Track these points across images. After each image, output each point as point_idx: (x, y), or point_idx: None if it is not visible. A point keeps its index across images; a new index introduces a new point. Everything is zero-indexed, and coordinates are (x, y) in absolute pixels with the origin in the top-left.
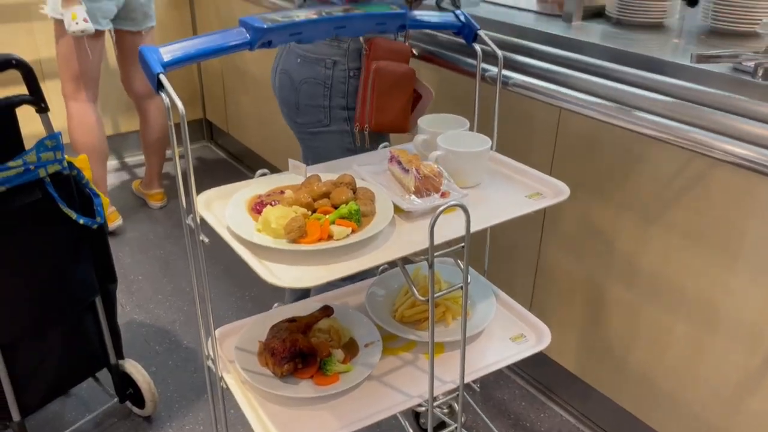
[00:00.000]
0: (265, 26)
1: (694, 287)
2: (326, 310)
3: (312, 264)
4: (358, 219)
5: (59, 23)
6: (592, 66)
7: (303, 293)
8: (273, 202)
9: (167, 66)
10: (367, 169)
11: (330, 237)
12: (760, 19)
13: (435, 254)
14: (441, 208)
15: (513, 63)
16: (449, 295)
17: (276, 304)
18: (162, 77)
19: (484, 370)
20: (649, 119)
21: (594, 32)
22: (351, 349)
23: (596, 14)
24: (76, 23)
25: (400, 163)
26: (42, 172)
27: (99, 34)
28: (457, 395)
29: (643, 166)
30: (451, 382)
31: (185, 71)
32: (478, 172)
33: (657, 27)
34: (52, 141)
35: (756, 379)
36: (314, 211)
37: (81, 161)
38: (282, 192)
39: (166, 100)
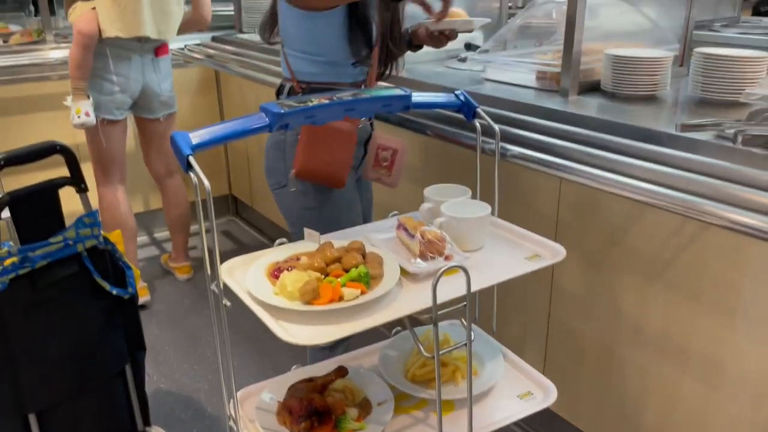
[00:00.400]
0: (283, 111)
1: (698, 345)
2: (341, 371)
3: (324, 323)
4: (367, 281)
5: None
6: (589, 137)
7: (322, 356)
8: (289, 268)
9: (195, 148)
10: (378, 237)
11: (341, 298)
12: (743, 89)
13: (440, 313)
14: (442, 269)
15: (513, 136)
16: (458, 354)
17: (294, 366)
18: (191, 159)
19: (492, 426)
20: (643, 187)
21: (590, 106)
22: (365, 407)
23: (592, 89)
24: (78, 117)
25: (406, 229)
26: (80, 247)
27: (115, 123)
28: None
29: (640, 229)
30: None
31: (212, 149)
32: (480, 236)
33: (650, 99)
34: (89, 218)
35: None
36: (327, 275)
37: (115, 236)
38: (298, 258)
39: (194, 178)
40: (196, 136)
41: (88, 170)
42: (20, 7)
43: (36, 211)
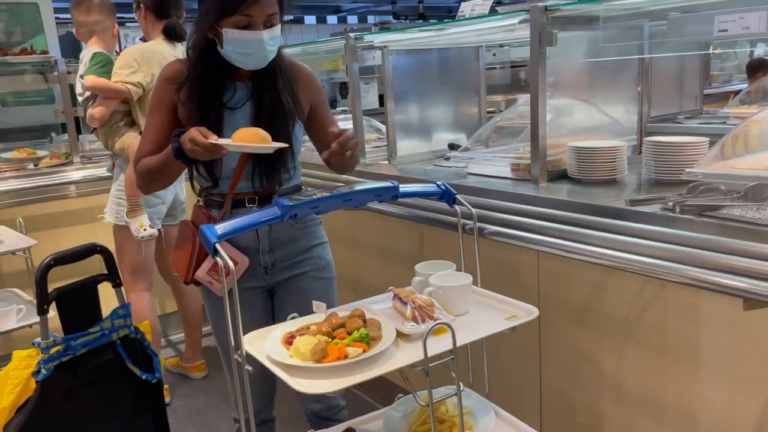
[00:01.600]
0: (291, 204)
1: (671, 397)
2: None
3: (333, 377)
4: (368, 341)
5: (119, 228)
6: (556, 216)
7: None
8: (301, 334)
9: (220, 237)
10: (376, 307)
11: (346, 356)
12: (683, 170)
13: (431, 365)
14: (432, 326)
15: (494, 219)
16: (454, 413)
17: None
18: (217, 245)
19: None
20: (607, 254)
21: (557, 190)
22: None
23: (561, 176)
24: (144, 230)
25: (400, 298)
26: (114, 336)
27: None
28: None
29: (610, 294)
30: None
31: None
32: (464, 302)
33: (611, 182)
34: (122, 310)
35: None
36: (333, 338)
37: (144, 326)
38: (308, 328)
39: (221, 262)
40: (220, 228)
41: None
42: (43, 135)
43: (78, 304)
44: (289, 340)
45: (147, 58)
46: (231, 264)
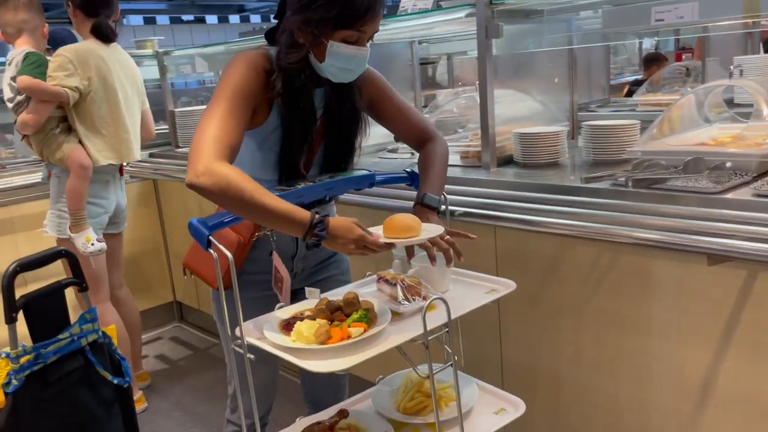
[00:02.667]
0: (277, 194)
1: (626, 355)
2: (343, 413)
3: (339, 357)
4: (368, 321)
5: (62, 241)
6: (512, 196)
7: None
8: (301, 320)
9: (212, 228)
10: (360, 291)
11: (349, 336)
12: (625, 149)
13: (427, 338)
14: (429, 301)
15: (456, 202)
16: (440, 386)
17: (299, 418)
18: (210, 237)
19: None
20: (565, 223)
21: (508, 174)
22: None
23: (507, 161)
24: (92, 244)
25: (386, 281)
26: (84, 342)
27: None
28: None
29: (566, 265)
30: None
31: (154, 258)
32: (446, 281)
33: (554, 165)
34: (90, 314)
35: (691, 422)
36: (332, 321)
37: (110, 330)
38: (301, 314)
39: (214, 254)
40: (210, 220)
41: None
42: None
43: (46, 310)
44: (286, 327)
45: (83, 60)
46: (229, 254)
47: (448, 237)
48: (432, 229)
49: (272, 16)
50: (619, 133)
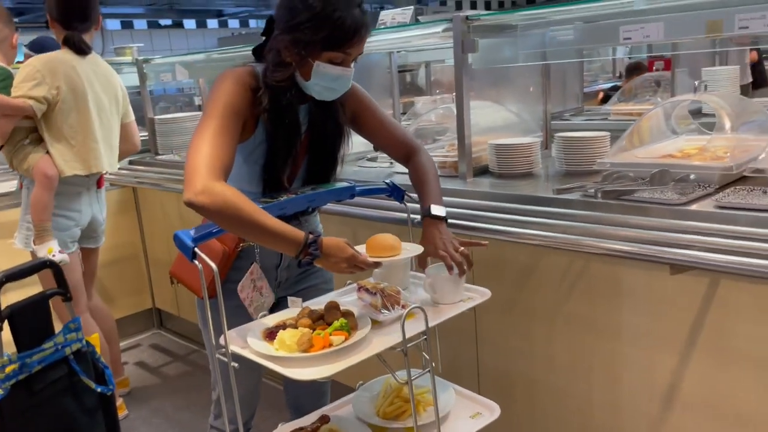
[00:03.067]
0: (261, 206)
1: (597, 360)
2: (324, 418)
3: (322, 364)
4: (349, 329)
5: (34, 254)
6: (488, 206)
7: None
8: (284, 328)
9: (197, 240)
10: (341, 300)
11: (331, 345)
12: (595, 161)
13: (406, 346)
14: (408, 309)
15: None
16: (419, 391)
17: (281, 424)
18: (196, 249)
19: None
20: (538, 233)
21: (483, 184)
22: None
23: (483, 171)
24: (53, 255)
25: (367, 290)
26: (68, 350)
27: (71, 255)
28: None
29: (540, 273)
30: None
31: (134, 265)
32: (459, 291)
33: (528, 175)
34: (74, 324)
35: (659, 424)
36: (314, 329)
37: (93, 339)
38: (284, 323)
39: (199, 265)
40: (195, 232)
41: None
42: None
43: (31, 320)
44: (269, 336)
45: (53, 69)
46: (213, 266)
47: (462, 249)
48: (412, 248)
49: (239, 21)
50: (590, 144)
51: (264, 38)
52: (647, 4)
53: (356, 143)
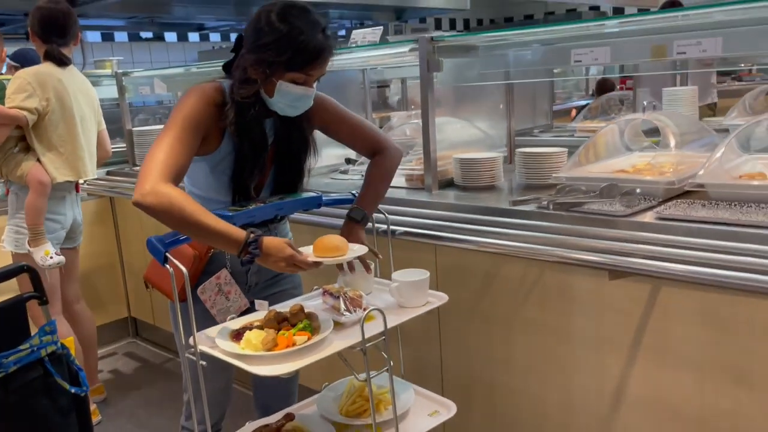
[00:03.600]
0: (230, 214)
1: (551, 362)
2: (289, 416)
3: (285, 362)
4: (312, 330)
5: (19, 256)
6: (451, 217)
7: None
8: (250, 329)
9: (168, 246)
10: (307, 303)
11: (294, 344)
12: (551, 174)
13: (367, 345)
14: (367, 311)
15: (397, 222)
16: (380, 390)
17: (248, 422)
18: (167, 254)
19: None
20: (496, 243)
21: (448, 196)
22: None
23: (449, 184)
24: (51, 257)
25: (331, 294)
26: (43, 352)
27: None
28: None
29: (499, 279)
30: None
31: (110, 274)
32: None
33: (491, 188)
34: (50, 327)
35: (608, 422)
36: (279, 330)
37: (68, 342)
38: (251, 324)
39: (170, 269)
40: (167, 238)
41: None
42: None
43: (7, 322)
44: (236, 337)
45: (42, 82)
46: (184, 269)
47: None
48: (358, 249)
49: (220, 35)
50: (548, 159)
51: (234, 54)
52: (597, 30)
53: (329, 156)
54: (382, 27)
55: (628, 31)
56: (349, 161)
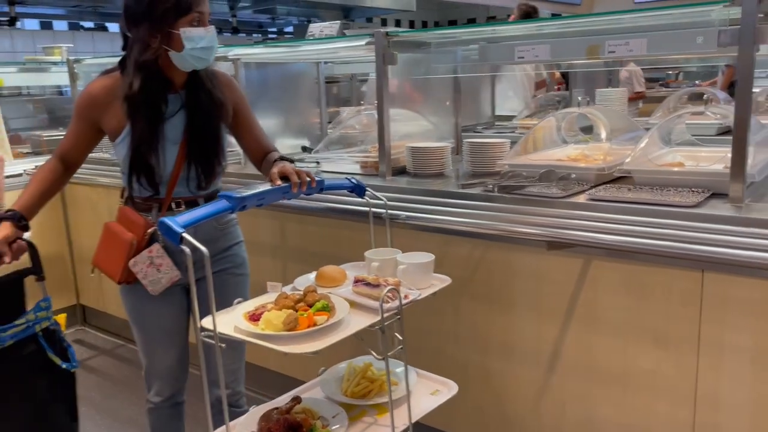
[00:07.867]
0: (240, 196)
1: (495, 333)
2: (297, 399)
3: (308, 342)
4: (329, 310)
5: None
6: (404, 199)
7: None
8: (268, 310)
9: (185, 226)
10: (338, 291)
11: (315, 324)
12: (496, 162)
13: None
14: (385, 291)
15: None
16: (381, 372)
17: (252, 406)
18: (184, 234)
19: (419, 414)
20: (448, 219)
21: (401, 182)
22: (324, 420)
23: (401, 171)
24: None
25: (368, 283)
26: (37, 328)
27: None
28: None
29: (449, 257)
30: (402, 425)
31: (58, 262)
32: (428, 278)
33: (440, 175)
34: (45, 303)
35: (543, 387)
36: (296, 311)
37: (60, 318)
38: (264, 306)
39: (187, 250)
40: (182, 220)
41: None
42: None
43: (6, 297)
44: (253, 318)
45: None
46: (204, 250)
47: (307, 171)
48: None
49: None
50: (492, 149)
51: (125, 53)
52: (538, 30)
53: (283, 146)
54: (339, 21)
55: (567, 32)
56: (305, 149)
